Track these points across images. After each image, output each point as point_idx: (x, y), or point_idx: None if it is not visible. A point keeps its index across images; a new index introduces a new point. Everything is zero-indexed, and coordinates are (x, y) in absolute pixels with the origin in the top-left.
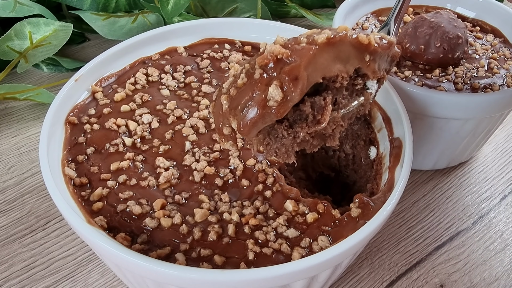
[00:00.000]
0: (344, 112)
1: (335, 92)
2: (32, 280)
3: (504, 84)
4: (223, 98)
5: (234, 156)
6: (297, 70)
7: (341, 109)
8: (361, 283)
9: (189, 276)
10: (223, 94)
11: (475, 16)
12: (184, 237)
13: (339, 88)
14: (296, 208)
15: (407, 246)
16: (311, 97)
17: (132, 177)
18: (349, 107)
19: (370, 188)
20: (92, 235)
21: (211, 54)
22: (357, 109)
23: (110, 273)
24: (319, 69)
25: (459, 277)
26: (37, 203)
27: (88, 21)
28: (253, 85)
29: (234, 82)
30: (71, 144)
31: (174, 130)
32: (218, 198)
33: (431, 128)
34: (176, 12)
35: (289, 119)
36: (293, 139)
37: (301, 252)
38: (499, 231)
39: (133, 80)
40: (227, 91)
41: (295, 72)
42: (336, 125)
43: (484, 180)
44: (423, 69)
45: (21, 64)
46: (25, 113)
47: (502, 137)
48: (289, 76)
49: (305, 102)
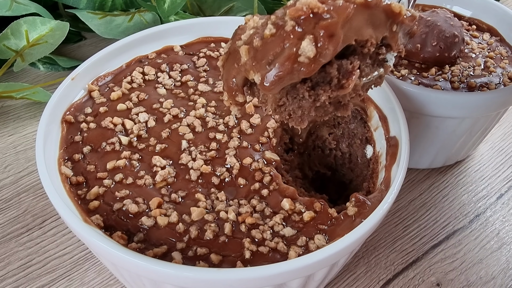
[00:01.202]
0: (364, 81)
1: (361, 58)
2: (29, 279)
3: (500, 82)
4: (244, 50)
5: (230, 154)
6: (334, 27)
7: (363, 77)
8: (357, 282)
9: (186, 274)
10: (244, 45)
11: (472, 15)
12: (181, 236)
13: (365, 55)
14: (292, 206)
15: (403, 245)
16: (338, 60)
17: (128, 175)
18: (370, 77)
19: (367, 187)
20: (89, 234)
21: (208, 53)
22: (375, 81)
23: (106, 272)
24: (353, 30)
25: (455, 276)
26: (34, 201)
27: (85, 20)
28: (283, 37)
29: (257, 33)
30: (67, 142)
31: (171, 128)
32: (214, 196)
33: (428, 127)
34: (173, 11)
35: (312, 79)
36: (313, 102)
37: (297, 251)
38: (496, 230)
39: (130, 79)
40: (248, 42)
41: (332, 28)
42: (356, 93)
43: (480, 178)
44: (419, 67)
45: (17, 63)
46: (21, 111)
47: (499, 136)
48: (325, 32)
49: (332, 64)
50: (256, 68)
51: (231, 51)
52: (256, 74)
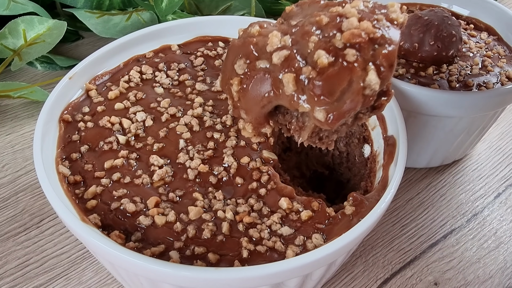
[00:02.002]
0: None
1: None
2: (26, 278)
3: (498, 82)
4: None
5: (228, 154)
6: (394, 56)
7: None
8: (355, 281)
9: (183, 274)
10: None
11: (469, 14)
12: (178, 235)
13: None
14: (290, 206)
15: (401, 244)
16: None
17: (126, 175)
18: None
19: (364, 186)
20: (86, 233)
21: (205, 52)
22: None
23: (104, 271)
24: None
25: (453, 275)
26: (31, 201)
27: (82, 19)
28: (349, 69)
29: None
30: (65, 142)
31: (168, 128)
32: (212, 196)
33: (425, 126)
34: (170, 10)
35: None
36: (351, 126)
37: (295, 250)
38: (493, 229)
39: (127, 78)
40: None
41: (392, 58)
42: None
43: (478, 178)
44: (417, 67)
45: (15, 62)
46: (19, 111)
47: (496, 135)
48: (387, 62)
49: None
50: (319, 103)
51: (250, 73)
52: (319, 110)
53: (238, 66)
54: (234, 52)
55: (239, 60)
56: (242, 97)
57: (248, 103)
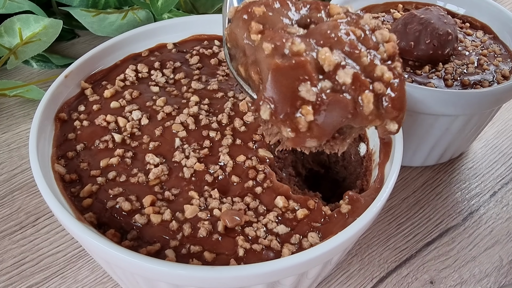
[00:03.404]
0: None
1: None
2: (22, 277)
3: (493, 80)
4: (370, 98)
5: (224, 152)
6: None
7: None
8: (350, 280)
9: (179, 272)
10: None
11: (465, 13)
12: (174, 234)
13: None
14: (286, 204)
15: (397, 243)
16: None
17: (121, 173)
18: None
19: (360, 185)
20: (82, 231)
21: (201, 51)
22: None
23: (100, 270)
24: None
25: (449, 274)
26: (27, 199)
27: (78, 18)
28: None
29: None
30: (60, 140)
31: (164, 126)
32: (208, 194)
33: (421, 125)
34: (166, 8)
35: None
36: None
37: (291, 249)
38: (489, 228)
39: (123, 77)
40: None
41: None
42: None
43: (474, 176)
44: (413, 65)
45: (11, 60)
46: (15, 109)
47: (492, 134)
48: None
49: None
50: (396, 116)
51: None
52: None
53: (307, 92)
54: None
55: (304, 85)
56: (315, 126)
57: (324, 130)
